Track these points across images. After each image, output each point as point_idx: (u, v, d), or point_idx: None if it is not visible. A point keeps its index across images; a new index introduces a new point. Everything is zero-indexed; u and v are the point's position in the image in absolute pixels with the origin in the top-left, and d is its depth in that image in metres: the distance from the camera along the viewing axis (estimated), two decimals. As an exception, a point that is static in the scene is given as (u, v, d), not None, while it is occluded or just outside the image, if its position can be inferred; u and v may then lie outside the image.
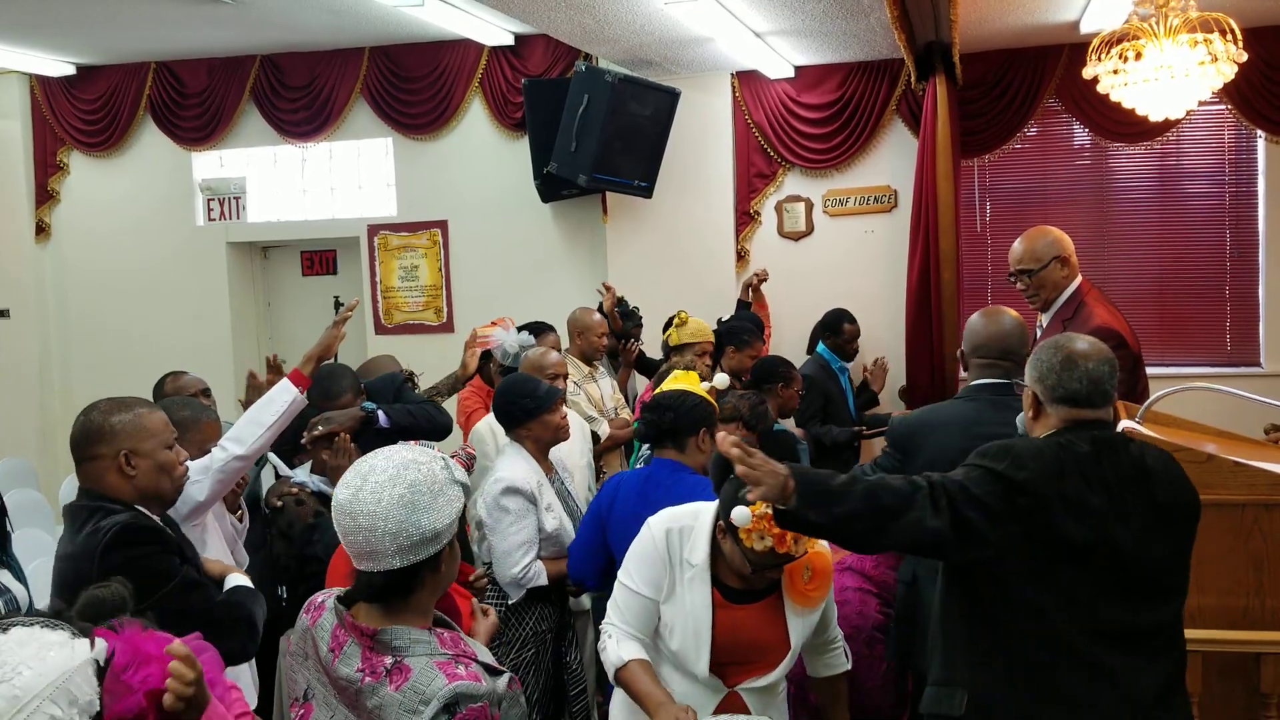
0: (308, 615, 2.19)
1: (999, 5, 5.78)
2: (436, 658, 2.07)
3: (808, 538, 2.58)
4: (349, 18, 6.66)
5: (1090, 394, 2.51)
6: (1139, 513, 2.45)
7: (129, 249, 8.26)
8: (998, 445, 2.50)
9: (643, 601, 2.82)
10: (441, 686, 2.01)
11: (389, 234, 7.92)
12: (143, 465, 2.69)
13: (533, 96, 7.01)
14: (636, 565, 2.85)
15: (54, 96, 8.21)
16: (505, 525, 3.74)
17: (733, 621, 2.77)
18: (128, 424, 2.69)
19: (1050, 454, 2.46)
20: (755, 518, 2.57)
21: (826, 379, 6.07)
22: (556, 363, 4.60)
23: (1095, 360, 2.53)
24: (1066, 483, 2.41)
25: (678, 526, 2.84)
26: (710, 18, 5.46)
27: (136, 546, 2.59)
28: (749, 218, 7.35)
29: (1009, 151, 7.13)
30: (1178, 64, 4.69)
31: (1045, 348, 2.60)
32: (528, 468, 3.84)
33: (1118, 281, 7.12)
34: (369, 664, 2.06)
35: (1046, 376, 2.54)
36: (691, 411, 3.44)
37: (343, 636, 2.10)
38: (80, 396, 8.25)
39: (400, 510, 2.03)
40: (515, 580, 3.74)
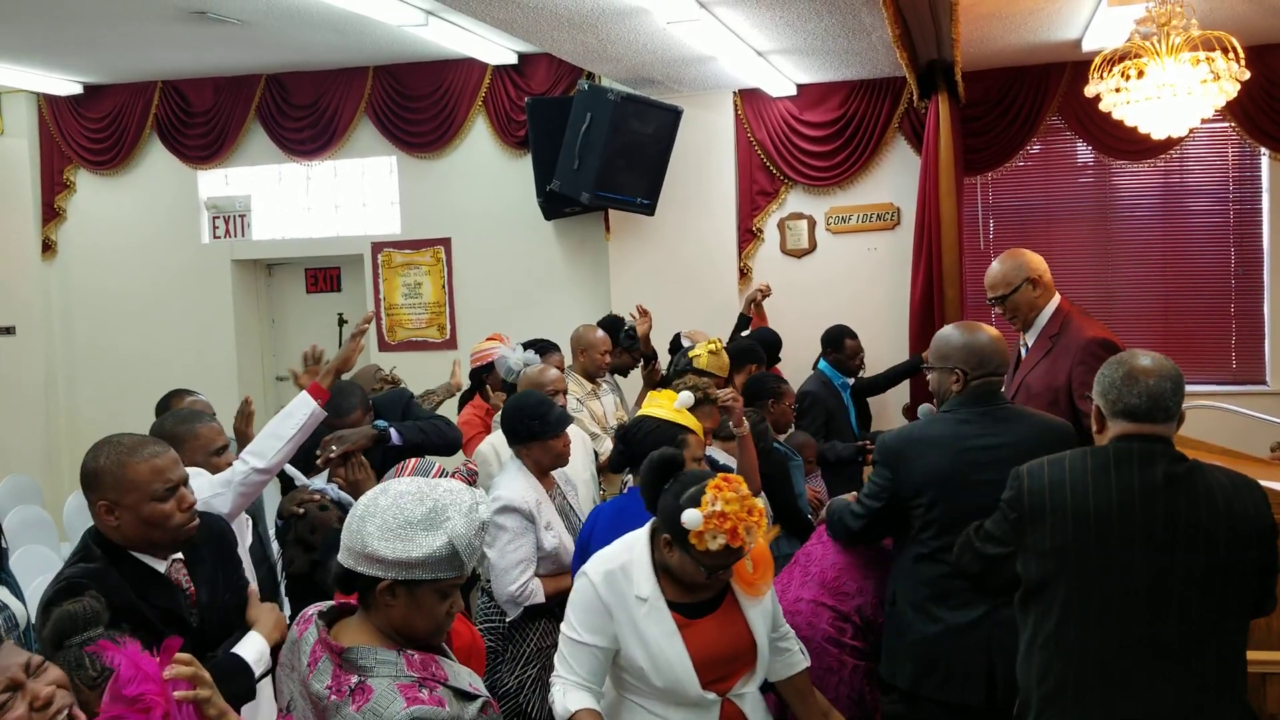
0: (297, 626, 2.21)
1: (1001, 24, 5.80)
2: (401, 680, 2.07)
3: (757, 526, 2.61)
4: (353, 37, 6.70)
5: (1150, 409, 2.56)
6: (1162, 527, 2.49)
7: (135, 267, 8.28)
8: (1012, 470, 2.67)
9: (589, 650, 2.75)
10: (399, 710, 2.01)
11: (393, 251, 7.94)
12: (125, 518, 2.62)
13: (536, 115, 7.03)
14: (578, 615, 2.78)
15: (61, 115, 8.25)
16: (502, 543, 3.72)
17: (701, 636, 2.75)
18: (112, 475, 2.61)
19: (1054, 464, 2.59)
20: (705, 517, 2.59)
21: (828, 395, 6.06)
22: (555, 380, 4.59)
23: (1157, 377, 2.59)
24: (1063, 490, 2.54)
25: (616, 566, 2.79)
26: (712, 37, 5.48)
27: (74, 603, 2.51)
28: (751, 235, 7.36)
29: (1012, 169, 7.14)
30: (1180, 82, 4.69)
31: (1110, 364, 2.66)
32: (526, 485, 3.83)
33: (1121, 299, 7.12)
34: (337, 682, 2.07)
35: (1109, 391, 2.60)
36: (645, 439, 3.39)
37: (319, 652, 2.12)
38: (85, 414, 8.30)
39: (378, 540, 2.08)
40: (512, 598, 3.74)
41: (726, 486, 2.62)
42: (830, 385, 6.16)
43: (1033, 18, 5.70)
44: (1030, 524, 2.59)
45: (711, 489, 2.62)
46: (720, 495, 2.60)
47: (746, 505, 2.61)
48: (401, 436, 4.20)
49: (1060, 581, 2.54)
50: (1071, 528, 2.52)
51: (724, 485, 2.62)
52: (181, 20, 6.13)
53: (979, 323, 3.52)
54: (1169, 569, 2.47)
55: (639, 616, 2.73)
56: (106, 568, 2.61)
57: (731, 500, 2.60)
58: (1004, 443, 3.16)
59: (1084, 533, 2.52)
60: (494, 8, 4.89)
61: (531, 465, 3.88)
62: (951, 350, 3.36)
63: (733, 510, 2.59)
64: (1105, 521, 2.51)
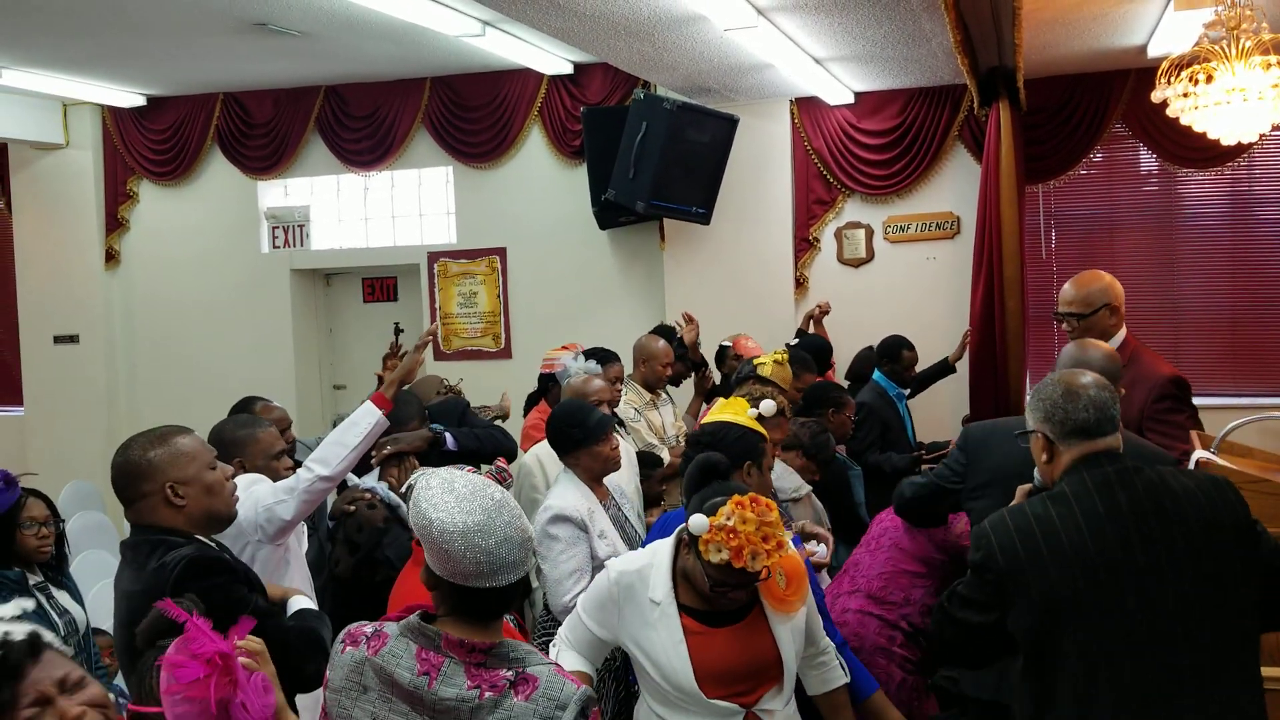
0: (360, 647, 2.14)
1: (1064, 30, 5.70)
2: (551, 665, 2.11)
3: (770, 554, 2.53)
4: (411, 48, 6.74)
5: (1099, 421, 2.47)
6: (1162, 543, 2.37)
7: (195, 276, 8.40)
8: (973, 531, 2.55)
9: (588, 633, 2.85)
10: (574, 691, 2.05)
11: (449, 261, 7.98)
12: (190, 492, 2.66)
13: (591, 124, 7.04)
14: (591, 601, 2.86)
15: (125, 127, 8.39)
16: (556, 553, 3.68)
17: (715, 646, 2.70)
18: (166, 455, 2.66)
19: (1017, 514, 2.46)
20: (713, 528, 2.54)
21: (884, 406, 5.98)
22: (599, 390, 4.51)
23: (1095, 387, 2.51)
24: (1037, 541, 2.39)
25: (634, 568, 2.80)
26: (770, 44, 5.44)
27: (208, 578, 2.55)
28: (808, 244, 7.30)
29: (1075, 177, 7.02)
30: (1250, 87, 4.59)
31: (1043, 386, 2.56)
32: (578, 495, 3.78)
33: (1188, 311, 6.97)
34: (482, 680, 2.04)
35: (1053, 413, 2.50)
36: (735, 444, 3.27)
37: (435, 659, 2.06)
38: (147, 421, 8.37)
39: (520, 521, 2.10)
40: (566, 608, 3.64)
41: (750, 506, 2.57)
42: (886, 396, 6.08)
43: (1097, 23, 5.60)
44: (1013, 582, 2.41)
45: (733, 504, 2.57)
46: (738, 512, 2.55)
47: (764, 531, 2.54)
48: (456, 442, 4.21)
49: (1067, 634, 2.36)
50: (1069, 574, 2.36)
51: (747, 504, 2.57)
52: (243, 32, 6.21)
53: (1095, 341, 3.50)
54: (1169, 595, 2.35)
55: (650, 620, 2.73)
56: (201, 544, 2.66)
57: (748, 521, 2.54)
58: None
59: (1086, 575, 2.36)
60: (551, 17, 4.89)
61: (582, 474, 3.83)
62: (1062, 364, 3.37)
63: (745, 530, 2.53)
64: (1105, 556, 2.37)
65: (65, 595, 3.90)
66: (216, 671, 1.80)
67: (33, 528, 3.81)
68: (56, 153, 8.45)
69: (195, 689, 1.79)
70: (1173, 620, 2.34)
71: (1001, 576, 2.41)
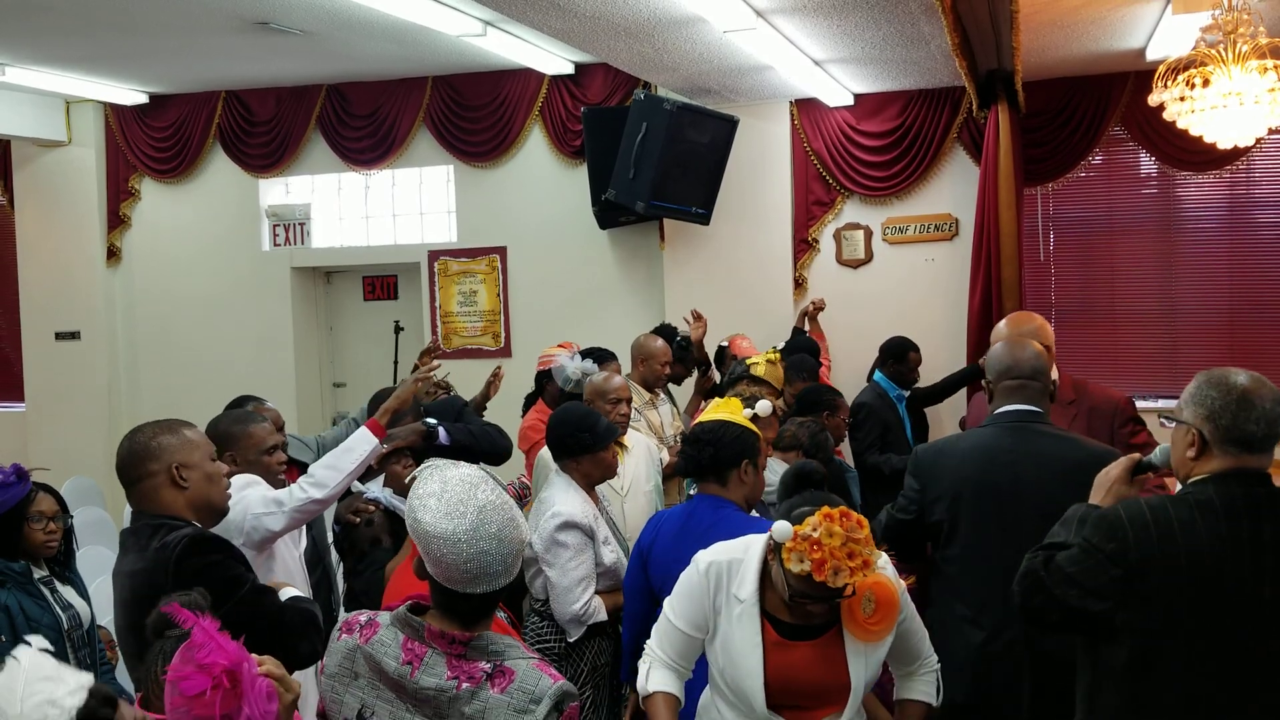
0: (353, 635, 2.21)
1: (1063, 33, 5.72)
2: (531, 659, 2.13)
3: (854, 571, 2.45)
4: (413, 48, 6.76)
5: (1265, 438, 2.39)
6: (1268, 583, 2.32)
7: (196, 273, 8.42)
8: (1098, 515, 2.43)
9: (682, 636, 2.75)
10: (550, 685, 2.07)
11: (449, 260, 8.00)
12: (193, 476, 2.78)
13: (592, 124, 7.06)
14: (679, 599, 2.77)
15: (127, 124, 8.41)
16: (564, 560, 3.64)
17: (787, 660, 2.64)
18: (173, 440, 2.79)
19: (1157, 510, 2.36)
20: (797, 537, 2.47)
21: (884, 407, 6.01)
22: (619, 387, 4.55)
23: (1271, 402, 2.40)
24: (1178, 545, 2.32)
25: (725, 560, 2.72)
26: (769, 46, 5.46)
27: (208, 554, 2.66)
28: (807, 245, 7.33)
29: (1073, 180, 7.04)
30: (1247, 90, 4.61)
31: (1213, 384, 2.44)
32: (582, 501, 3.75)
33: (1186, 314, 7.00)
34: (460, 671, 2.09)
35: (1219, 415, 2.39)
36: (732, 443, 3.28)
37: (419, 649, 2.12)
38: (148, 417, 8.26)
39: (511, 529, 2.12)
40: (576, 617, 3.65)
41: (840, 520, 2.48)
42: (886, 397, 6.11)
43: (1095, 27, 5.63)
44: (1140, 580, 2.33)
45: (821, 515, 2.49)
46: (825, 525, 2.47)
47: (850, 548, 2.46)
48: (450, 437, 4.21)
49: (1180, 647, 2.32)
50: (1200, 589, 2.31)
51: (836, 518, 2.49)
52: (245, 31, 6.23)
53: (1027, 341, 3.45)
54: (1271, 630, 2.33)
55: (731, 615, 2.67)
56: (207, 533, 2.75)
57: (835, 535, 2.46)
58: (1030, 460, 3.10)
59: (1216, 596, 2.31)
60: (551, 18, 4.91)
61: (580, 479, 3.80)
62: (987, 359, 3.38)
63: (829, 544, 2.45)
64: (1239, 584, 2.31)
65: (70, 590, 3.93)
66: (222, 687, 1.81)
67: (41, 522, 3.83)
68: (59, 150, 8.47)
69: (199, 705, 1.79)
70: (1266, 663, 2.34)
71: (1130, 572, 2.33)
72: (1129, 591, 2.34)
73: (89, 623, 3.93)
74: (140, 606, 2.57)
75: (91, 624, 3.96)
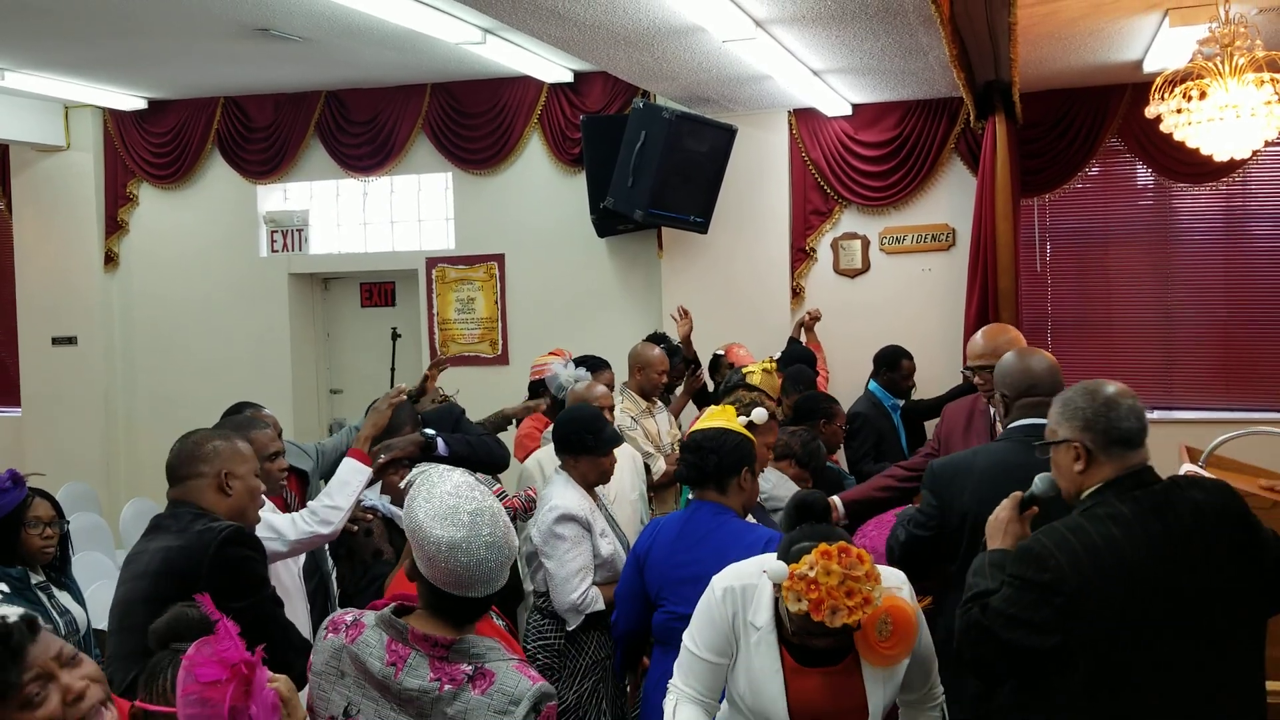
0: (339, 634, 2.26)
1: (1060, 45, 5.74)
2: (511, 661, 2.19)
3: (853, 611, 2.39)
4: (412, 55, 6.78)
5: (1139, 431, 2.45)
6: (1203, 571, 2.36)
7: (194, 279, 8.42)
8: (1022, 549, 2.42)
9: (705, 665, 2.70)
10: (529, 687, 2.13)
11: (447, 267, 8.01)
12: (238, 487, 2.91)
13: (591, 132, 7.07)
14: (699, 628, 2.72)
15: (126, 130, 8.42)
16: (562, 552, 3.75)
17: (806, 686, 2.61)
18: (229, 449, 2.93)
19: (1079, 531, 2.37)
20: (794, 577, 2.41)
21: (878, 416, 6.02)
22: (602, 396, 4.63)
23: (1130, 397, 2.48)
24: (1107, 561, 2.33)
25: (739, 585, 2.67)
26: (768, 56, 5.48)
27: (248, 548, 2.79)
28: (804, 254, 7.34)
29: (1070, 191, 7.06)
30: (1243, 103, 4.63)
31: (1078, 395, 2.50)
32: (579, 495, 3.87)
33: (1181, 325, 7.02)
34: (443, 672, 2.15)
35: (1095, 422, 2.44)
36: (733, 451, 3.30)
37: (403, 650, 2.18)
38: (144, 423, 8.43)
39: (504, 536, 2.20)
40: (574, 606, 3.75)
41: (837, 558, 2.41)
42: (880, 406, 6.12)
43: (1093, 39, 5.65)
44: (1083, 605, 2.32)
45: (818, 554, 2.41)
46: (822, 563, 2.40)
47: (849, 586, 2.38)
48: (448, 448, 4.24)
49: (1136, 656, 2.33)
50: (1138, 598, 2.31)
51: (834, 555, 2.41)
52: (244, 37, 6.24)
53: (1035, 349, 3.46)
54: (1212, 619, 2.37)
55: (749, 643, 2.64)
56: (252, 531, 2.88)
57: (833, 573, 2.39)
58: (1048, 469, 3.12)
59: (1152, 600, 2.32)
60: (551, 26, 4.93)
61: (578, 478, 3.92)
62: (1000, 375, 3.33)
63: (827, 583, 2.38)
64: (1167, 582, 2.33)
65: (66, 596, 3.92)
66: (237, 678, 1.82)
67: (38, 527, 3.83)
68: (57, 155, 8.48)
69: (212, 690, 1.80)
70: (1210, 647, 2.36)
71: (1072, 597, 2.31)
72: (1074, 618, 2.33)
73: (85, 628, 3.93)
74: (171, 581, 2.68)
75: (88, 629, 3.95)
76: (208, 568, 2.65)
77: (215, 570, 2.66)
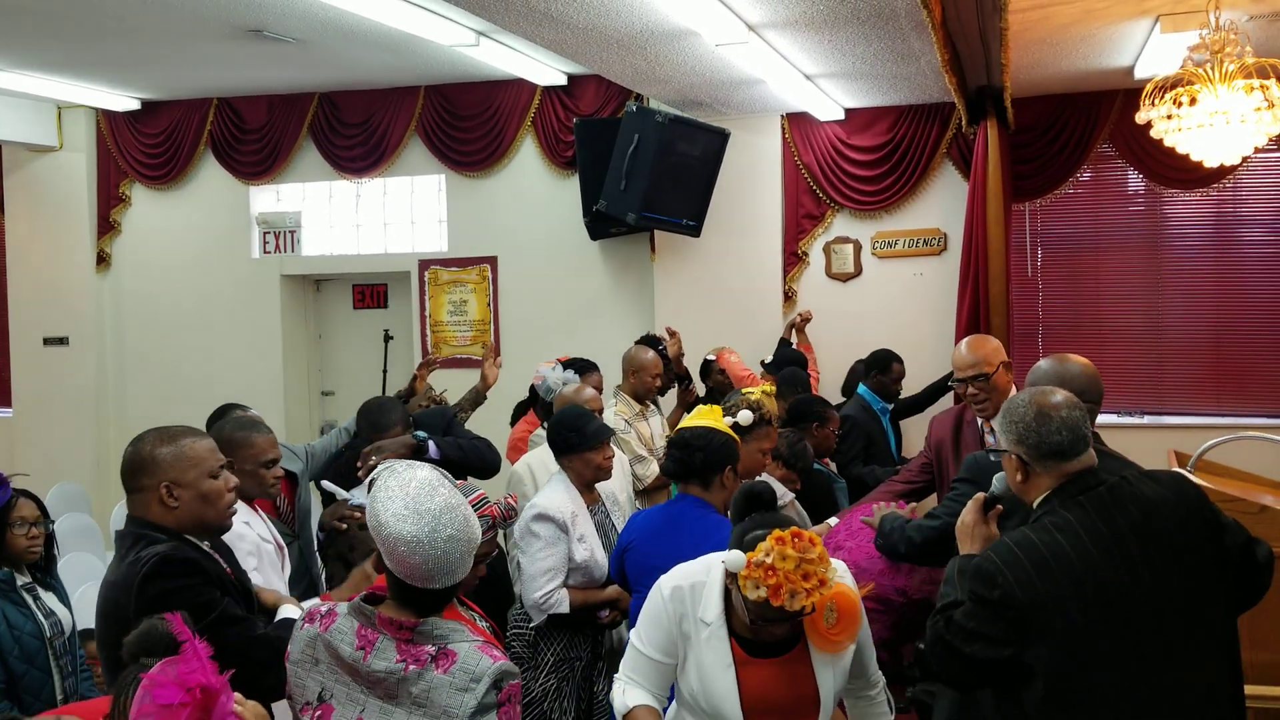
0: (313, 624, 2.36)
1: (1052, 51, 5.76)
2: (474, 642, 2.27)
3: (810, 593, 2.45)
4: (405, 57, 6.78)
5: (1073, 442, 2.46)
6: (1159, 565, 2.38)
7: (186, 280, 8.41)
8: (974, 566, 2.44)
9: (652, 663, 2.75)
10: (490, 665, 2.22)
11: (439, 269, 8.01)
12: (184, 495, 2.68)
13: (584, 135, 7.08)
14: (646, 627, 2.77)
15: (119, 130, 8.41)
16: (534, 550, 3.83)
17: (758, 676, 2.65)
18: (170, 455, 2.69)
19: (1025, 545, 2.39)
20: (751, 564, 2.46)
21: (868, 420, 6.02)
22: (590, 399, 4.62)
23: (1067, 408, 2.50)
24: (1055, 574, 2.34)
25: (687, 584, 2.72)
26: (761, 60, 5.49)
27: (173, 579, 2.57)
28: (797, 258, 7.35)
29: (1061, 196, 7.08)
30: (1233, 110, 4.65)
31: (1015, 407, 2.53)
32: (566, 497, 3.92)
33: (1172, 330, 7.04)
34: (408, 654, 2.25)
35: (1026, 436, 2.48)
36: (719, 449, 3.48)
37: (371, 635, 2.28)
38: (135, 423, 8.38)
39: (466, 529, 2.28)
40: (537, 604, 3.82)
41: (791, 543, 2.46)
42: (870, 410, 6.12)
43: (1084, 44, 5.67)
44: (1034, 618, 2.34)
45: (772, 539, 2.47)
46: (778, 549, 2.45)
47: (805, 569, 2.44)
48: (439, 451, 4.23)
49: (1093, 663, 2.34)
50: (1088, 605, 2.33)
51: (788, 540, 2.46)
52: (238, 39, 6.23)
53: (1070, 354, 3.43)
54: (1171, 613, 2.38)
55: (699, 640, 2.68)
56: (182, 544, 2.66)
57: (788, 558, 2.44)
58: None
59: (1104, 605, 2.34)
60: (544, 29, 4.93)
61: (574, 478, 3.98)
62: (1038, 379, 3.28)
63: (784, 568, 2.44)
64: (1118, 584, 2.35)
65: (52, 597, 3.92)
66: (194, 704, 1.77)
67: (23, 528, 3.82)
68: (50, 155, 8.47)
69: (167, 714, 1.76)
70: (1176, 648, 2.37)
71: (1022, 613, 2.34)
72: (1028, 630, 2.35)
73: (70, 630, 3.92)
74: (109, 624, 2.59)
75: (73, 631, 3.95)
76: (133, 610, 2.45)
77: (140, 611, 2.39)
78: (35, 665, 3.71)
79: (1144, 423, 7.01)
